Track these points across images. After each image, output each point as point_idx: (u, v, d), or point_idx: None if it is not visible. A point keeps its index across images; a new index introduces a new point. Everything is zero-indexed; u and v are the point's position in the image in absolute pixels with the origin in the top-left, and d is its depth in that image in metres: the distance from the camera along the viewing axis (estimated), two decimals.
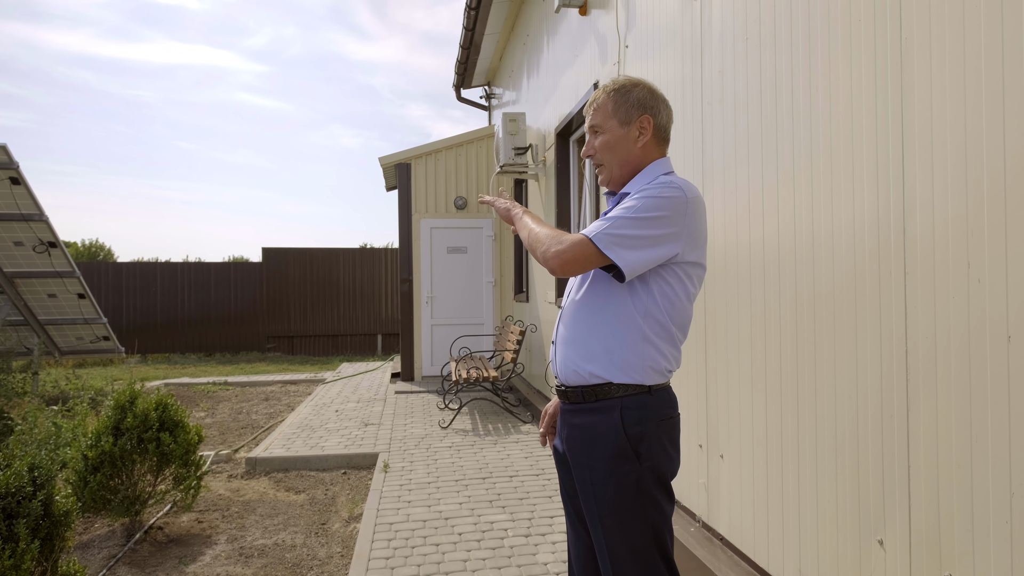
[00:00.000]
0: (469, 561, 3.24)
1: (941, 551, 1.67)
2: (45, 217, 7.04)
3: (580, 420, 1.68)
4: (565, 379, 1.71)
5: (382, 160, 9.11)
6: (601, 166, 1.77)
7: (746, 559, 2.64)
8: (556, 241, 1.61)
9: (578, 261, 1.58)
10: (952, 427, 1.63)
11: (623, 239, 1.56)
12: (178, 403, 3.91)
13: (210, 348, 13.78)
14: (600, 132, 1.75)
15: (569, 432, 1.71)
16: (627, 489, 1.60)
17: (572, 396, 1.70)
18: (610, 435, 1.61)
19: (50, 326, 8.15)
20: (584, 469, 1.66)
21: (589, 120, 1.77)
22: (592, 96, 1.79)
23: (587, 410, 1.66)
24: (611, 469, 1.60)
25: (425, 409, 7.01)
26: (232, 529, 3.87)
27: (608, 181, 1.77)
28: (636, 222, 1.57)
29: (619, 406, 1.61)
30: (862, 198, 1.95)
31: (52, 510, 2.52)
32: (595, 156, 1.77)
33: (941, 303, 1.66)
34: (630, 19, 4.01)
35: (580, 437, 1.67)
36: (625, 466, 1.60)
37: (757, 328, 2.56)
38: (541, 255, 1.64)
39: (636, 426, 1.61)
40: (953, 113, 1.62)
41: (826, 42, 2.11)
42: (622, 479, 1.60)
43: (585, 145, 1.81)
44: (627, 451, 1.60)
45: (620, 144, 1.72)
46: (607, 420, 1.62)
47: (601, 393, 1.63)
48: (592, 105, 1.77)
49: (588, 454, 1.65)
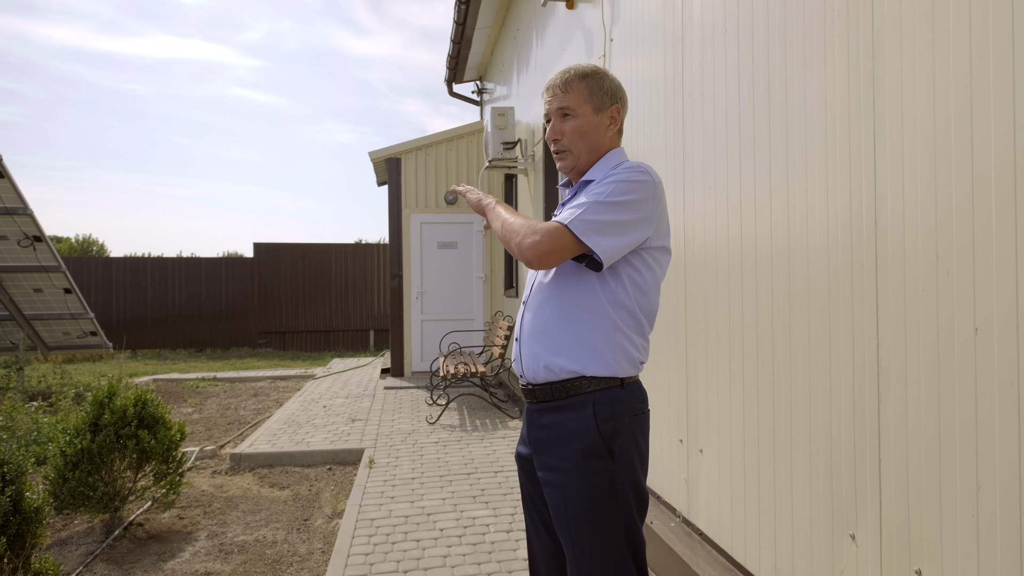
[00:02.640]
0: (449, 557, 3.22)
1: (911, 545, 1.66)
2: (30, 211, 6.98)
3: (549, 419, 1.60)
4: (532, 376, 1.64)
5: (372, 155, 9.07)
6: (566, 152, 1.68)
7: (724, 554, 2.63)
8: (531, 231, 1.53)
9: (556, 252, 1.51)
10: (921, 421, 1.62)
11: (599, 225, 1.50)
12: (159, 399, 3.88)
13: (201, 344, 13.72)
14: (572, 116, 1.66)
15: (537, 434, 1.64)
16: (600, 490, 1.53)
17: (540, 394, 1.62)
18: (582, 433, 1.54)
19: (36, 321, 8.09)
20: (553, 472, 1.58)
21: (558, 102, 1.67)
22: (558, 78, 1.69)
23: (556, 408, 1.59)
24: (583, 469, 1.53)
25: (414, 405, 6.99)
26: (213, 525, 3.84)
27: (571, 168, 1.70)
28: (609, 207, 1.51)
29: (591, 401, 1.55)
30: (835, 191, 1.93)
31: (23, 506, 2.49)
32: (561, 141, 1.68)
33: (911, 296, 1.64)
34: (615, 12, 3.98)
35: (549, 437, 1.60)
36: (598, 465, 1.53)
37: (735, 322, 2.54)
38: (516, 246, 1.55)
39: (609, 422, 1.54)
40: (923, 104, 1.60)
41: (801, 34, 2.09)
42: (595, 479, 1.53)
43: (550, 128, 1.70)
44: (600, 449, 1.53)
45: (592, 131, 1.66)
46: (578, 417, 1.55)
47: (572, 389, 1.57)
48: (562, 87, 1.67)
49: (558, 455, 1.57)
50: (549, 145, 1.73)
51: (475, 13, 7.93)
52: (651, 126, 3.40)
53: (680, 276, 3.05)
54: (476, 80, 10.61)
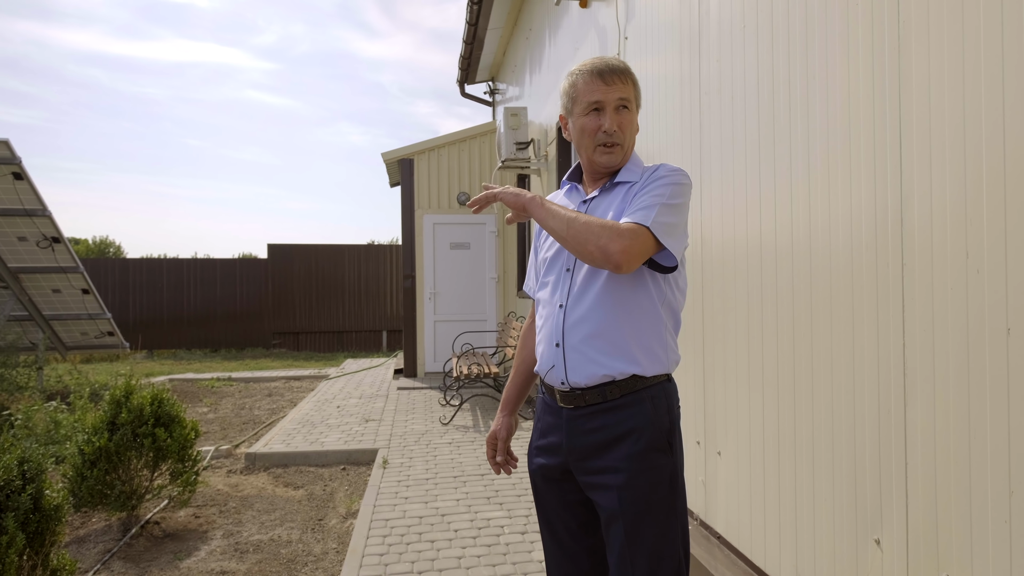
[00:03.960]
0: (464, 558, 3.20)
1: (939, 551, 1.62)
2: (48, 212, 7.06)
3: (601, 421, 1.55)
4: (581, 380, 1.56)
5: (385, 156, 9.08)
6: (618, 146, 1.61)
7: (743, 558, 2.60)
8: (615, 233, 1.43)
9: (642, 255, 1.46)
10: (950, 424, 1.58)
11: (671, 228, 1.49)
12: (174, 398, 3.90)
13: (216, 344, 13.82)
14: (629, 110, 1.61)
15: (584, 439, 1.57)
16: (662, 485, 1.51)
17: (590, 397, 1.56)
18: (643, 429, 1.52)
19: (55, 321, 8.18)
20: (608, 473, 1.53)
21: (620, 92, 1.59)
22: (615, 64, 1.60)
23: (610, 408, 1.55)
24: (645, 466, 1.50)
25: (427, 405, 6.99)
26: (229, 524, 3.85)
27: (614, 164, 1.63)
28: (674, 209, 1.50)
29: (647, 397, 1.54)
30: (859, 187, 1.89)
31: (42, 504, 2.50)
32: (618, 133, 1.59)
33: (939, 295, 1.61)
34: (630, 10, 3.95)
35: (602, 440, 1.55)
36: (660, 460, 1.52)
37: (754, 322, 2.51)
38: (598, 248, 1.43)
39: (667, 415, 1.55)
40: (952, 97, 1.57)
41: (823, 27, 2.06)
42: (657, 475, 1.51)
43: (608, 118, 1.59)
44: (662, 443, 1.53)
45: (635, 129, 1.66)
46: (637, 414, 1.53)
47: (627, 387, 1.54)
48: (622, 76, 1.60)
49: (615, 456, 1.53)
50: (593, 136, 1.61)
51: (487, 13, 7.92)
52: (668, 125, 3.37)
53: (697, 276, 3.01)
54: (488, 81, 10.60)
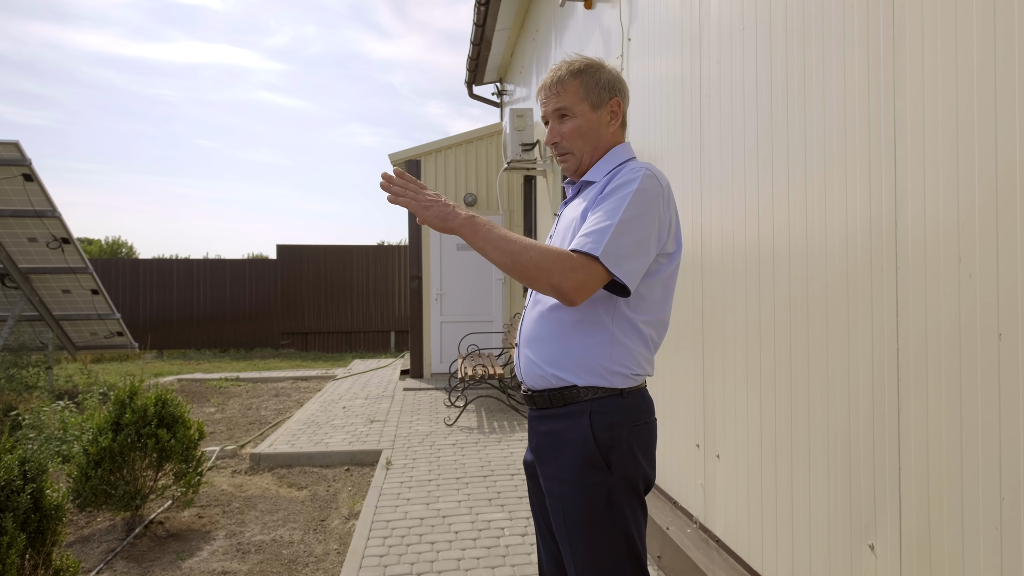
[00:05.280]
0: (463, 560, 3.21)
1: (931, 557, 1.60)
2: (58, 213, 7.14)
3: (548, 427, 1.55)
4: (531, 383, 1.58)
5: (392, 157, 9.11)
6: (568, 154, 1.61)
7: (741, 562, 2.58)
8: (569, 268, 1.36)
9: (595, 285, 1.39)
10: (942, 429, 1.56)
11: (624, 249, 1.39)
12: (179, 399, 3.93)
13: (225, 344, 13.90)
14: (569, 116, 1.59)
15: (537, 441, 1.59)
16: (598, 502, 1.47)
17: (539, 401, 1.57)
18: (578, 442, 1.49)
19: (64, 321, 8.27)
20: (552, 480, 1.53)
21: (553, 103, 1.59)
22: (549, 77, 1.61)
23: (554, 415, 1.54)
24: (580, 480, 1.48)
25: (432, 406, 7.00)
26: (232, 524, 3.88)
27: (575, 170, 1.63)
28: (628, 226, 1.40)
29: (588, 410, 1.49)
30: (855, 191, 1.88)
31: (43, 504, 2.53)
32: (561, 143, 1.60)
33: (932, 299, 1.59)
34: (633, 12, 3.94)
35: (548, 445, 1.55)
36: (595, 476, 1.47)
37: (752, 325, 2.49)
38: (550, 286, 1.37)
39: (606, 432, 1.48)
40: (945, 100, 1.55)
41: (820, 30, 2.05)
42: (592, 491, 1.47)
43: (548, 132, 1.63)
44: (597, 460, 1.47)
45: (592, 130, 1.59)
46: (575, 426, 1.49)
47: (569, 396, 1.50)
48: (553, 88, 1.59)
49: (555, 464, 1.52)
50: (549, 149, 1.66)
51: (495, 14, 7.93)
52: (670, 126, 3.36)
53: (697, 278, 3.00)
54: (496, 82, 10.61)
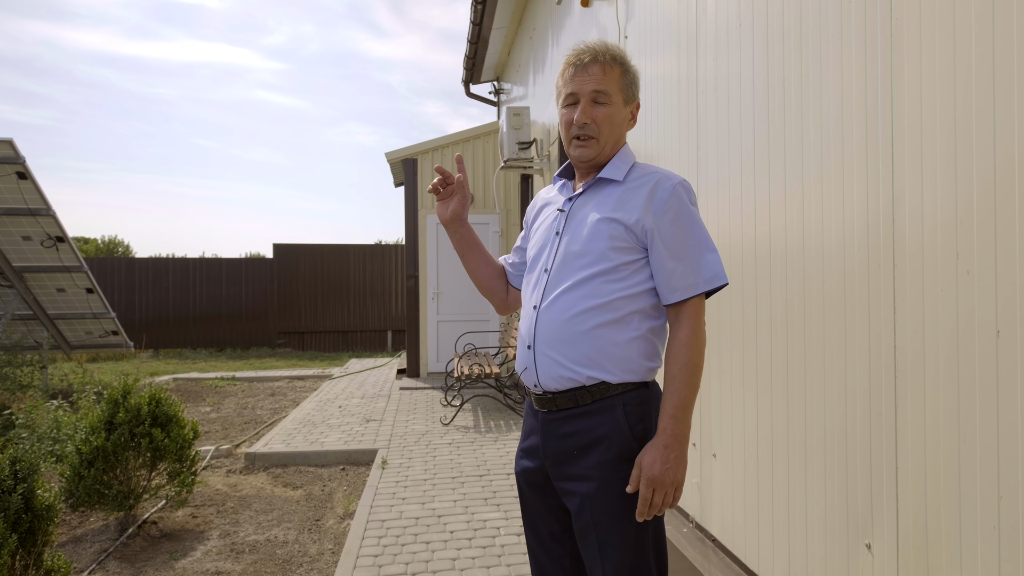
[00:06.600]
0: (458, 559, 3.19)
1: (928, 557, 1.59)
2: (52, 212, 7.10)
3: (572, 427, 1.51)
4: (552, 384, 1.52)
5: (389, 156, 9.08)
6: (593, 139, 1.52)
7: (737, 561, 2.57)
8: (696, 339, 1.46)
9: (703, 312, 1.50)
10: (940, 428, 1.55)
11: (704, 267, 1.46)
12: (173, 398, 3.91)
13: (221, 343, 13.86)
14: (606, 103, 1.51)
15: (557, 444, 1.54)
16: (632, 495, 1.45)
17: (561, 401, 1.52)
18: (613, 437, 1.46)
19: (59, 320, 8.23)
20: (579, 480, 1.49)
21: (594, 84, 1.50)
22: (589, 55, 1.51)
23: (580, 414, 1.50)
24: (615, 474, 1.45)
25: (428, 405, 6.98)
26: (226, 524, 3.86)
27: (591, 158, 1.56)
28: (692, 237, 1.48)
29: (620, 403, 1.47)
30: (851, 188, 1.87)
31: (34, 504, 2.51)
32: (590, 126, 1.51)
33: (929, 296, 1.58)
34: (630, 9, 3.93)
35: (573, 445, 1.51)
36: (629, 469, 1.45)
37: (748, 323, 2.48)
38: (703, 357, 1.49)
39: (640, 423, 1.47)
40: (943, 98, 1.54)
41: (817, 28, 2.03)
42: (626, 484, 1.45)
43: (581, 110, 1.51)
44: (634, 452, 1.46)
45: (620, 124, 1.55)
46: (608, 421, 1.47)
47: (598, 393, 1.48)
48: (594, 68, 1.50)
49: (585, 463, 1.48)
50: (568, 129, 1.54)
51: (491, 13, 7.91)
52: (666, 125, 3.35)
53: None
54: (493, 81, 10.59)
